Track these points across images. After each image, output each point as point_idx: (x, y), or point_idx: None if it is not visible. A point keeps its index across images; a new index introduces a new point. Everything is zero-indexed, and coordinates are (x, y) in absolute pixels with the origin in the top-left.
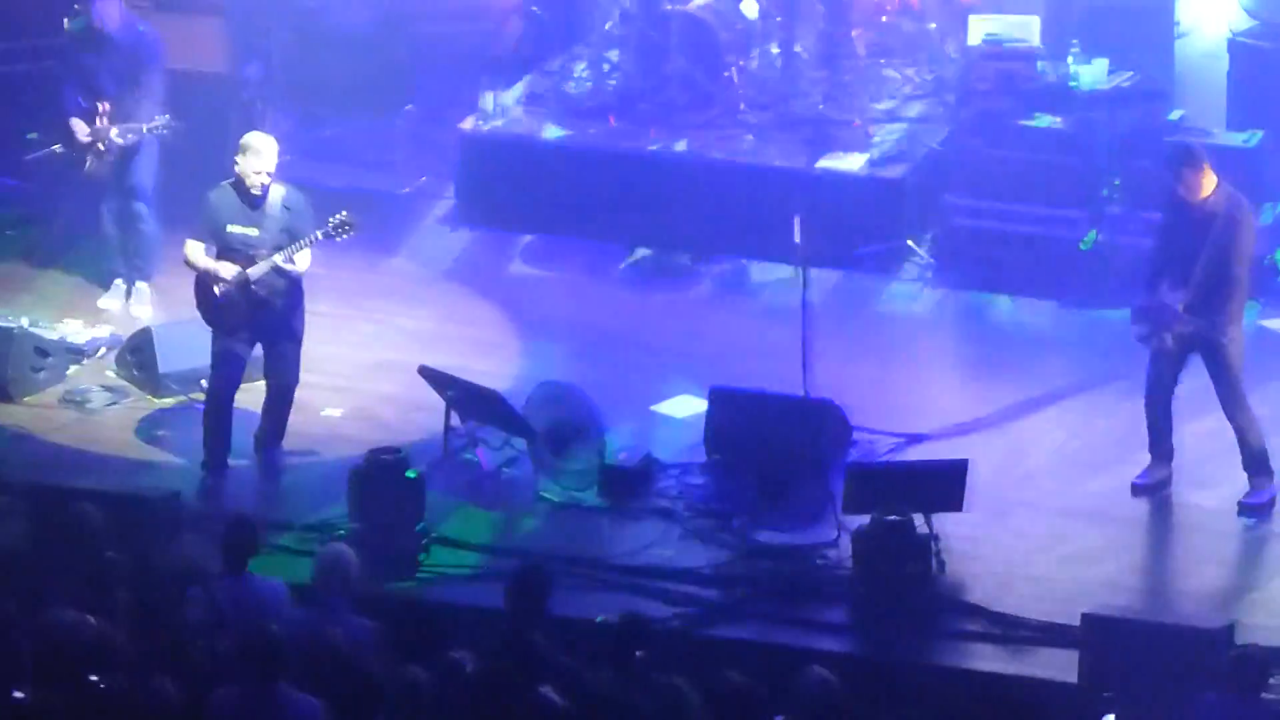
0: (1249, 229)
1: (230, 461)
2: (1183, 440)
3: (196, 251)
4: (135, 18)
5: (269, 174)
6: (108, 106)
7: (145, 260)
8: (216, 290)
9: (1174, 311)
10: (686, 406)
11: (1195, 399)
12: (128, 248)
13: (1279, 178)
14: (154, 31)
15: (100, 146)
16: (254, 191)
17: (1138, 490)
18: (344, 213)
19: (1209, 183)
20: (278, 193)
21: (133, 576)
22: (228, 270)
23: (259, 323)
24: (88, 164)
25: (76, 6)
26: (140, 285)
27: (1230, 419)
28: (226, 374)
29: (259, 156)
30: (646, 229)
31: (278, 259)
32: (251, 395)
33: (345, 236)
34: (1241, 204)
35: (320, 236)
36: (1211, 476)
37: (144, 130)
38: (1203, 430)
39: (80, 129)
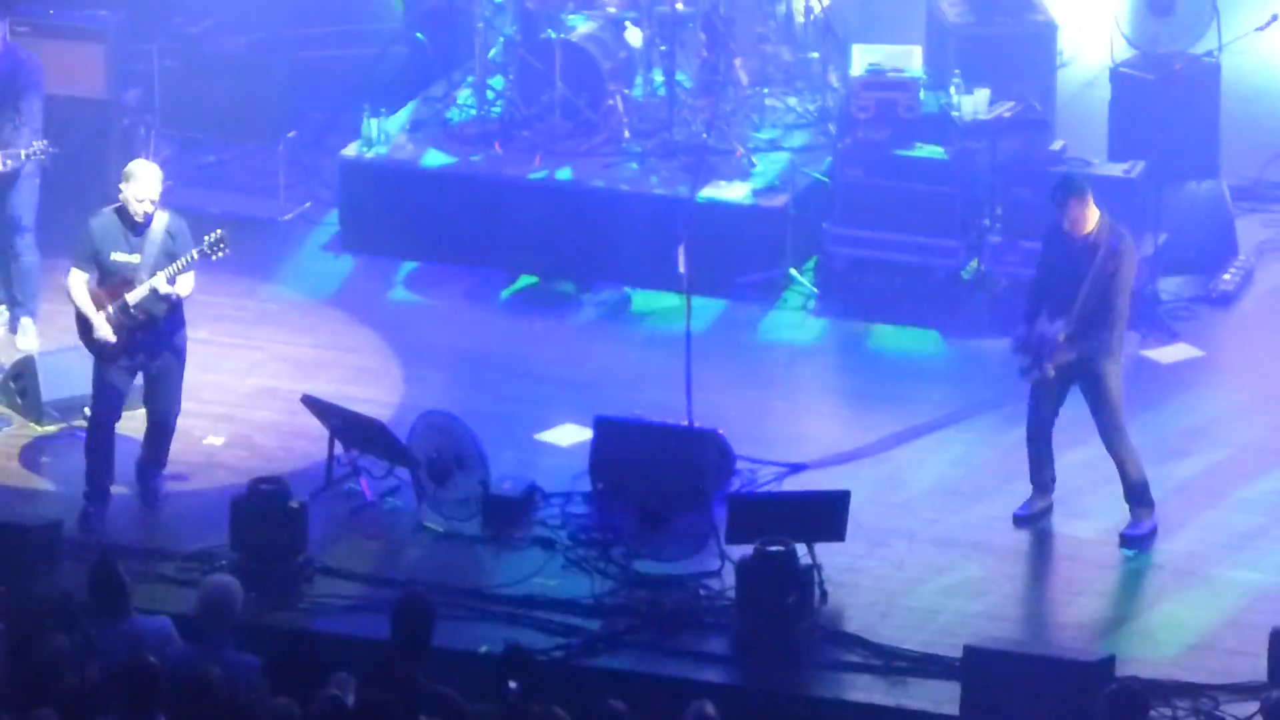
0: (1131, 260)
1: (113, 489)
2: (1062, 470)
3: (79, 286)
4: (15, 45)
5: (152, 201)
6: None
7: (27, 295)
8: (110, 338)
9: (1055, 342)
10: (570, 435)
11: (1073, 428)
12: (9, 280)
13: (1160, 208)
14: (34, 58)
15: None
16: (137, 219)
17: (1019, 521)
18: (219, 231)
19: (1093, 215)
20: (161, 220)
21: (11, 607)
22: (104, 330)
23: (141, 348)
24: None
25: None
26: (24, 320)
27: (1110, 451)
28: (108, 402)
29: (141, 184)
30: (530, 256)
31: (157, 281)
32: (135, 422)
33: (221, 255)
34: (1124, 235)
35: (196, 255)
36: (1091, 507)
37: (23, 156)
38: (1082, 460)
39: None
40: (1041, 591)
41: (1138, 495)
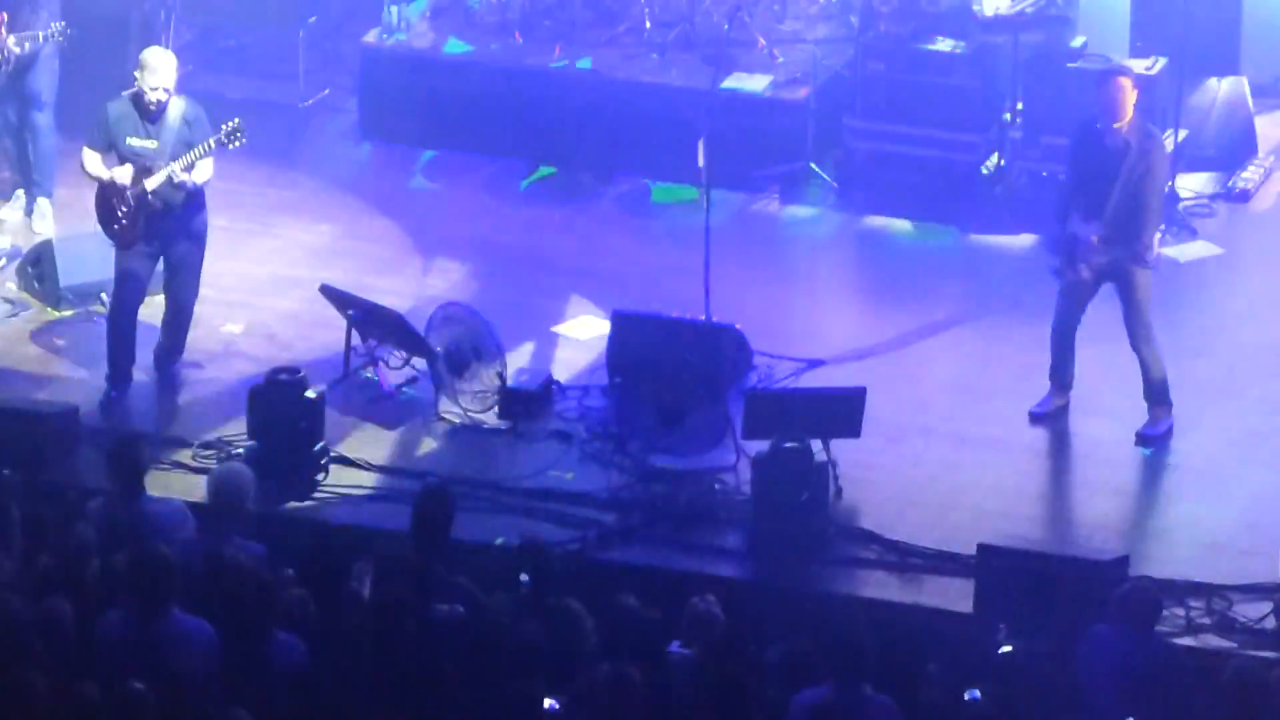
0: (1164, 160)
1: (134, 374)
2: (1080, 368)
3: (93, 161)
4: None
5: (166, 90)
6: (4, 16)
7: (44, 175)
8: (115, 203)
9: (1090, 244)
10: (588, 328)
11: (1090, 326)
12: (26, 161)
13: (1180, 105)
14: None
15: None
16: (152, 106)
17: (1035, 419)
18: (235, 120)
19: (1130, 107)
20: (177, 106)
21: (27, 493)
22: (124, 175)
23: (160, 235)
24: None
25: None
26: (41, 201)
27: (1135, 349)
28: (129, 289)
29: (155, 74)
30: (549, 147)
31: (174, 168)
32: (152, 309)
33: (237, 144)
34: (1155, 134)
35: (213, 145)
36: (1108, 405)
37: (41, 39)
38: (1099, 357)
39: None
40: (1057, 489)
41: (1157, 394)
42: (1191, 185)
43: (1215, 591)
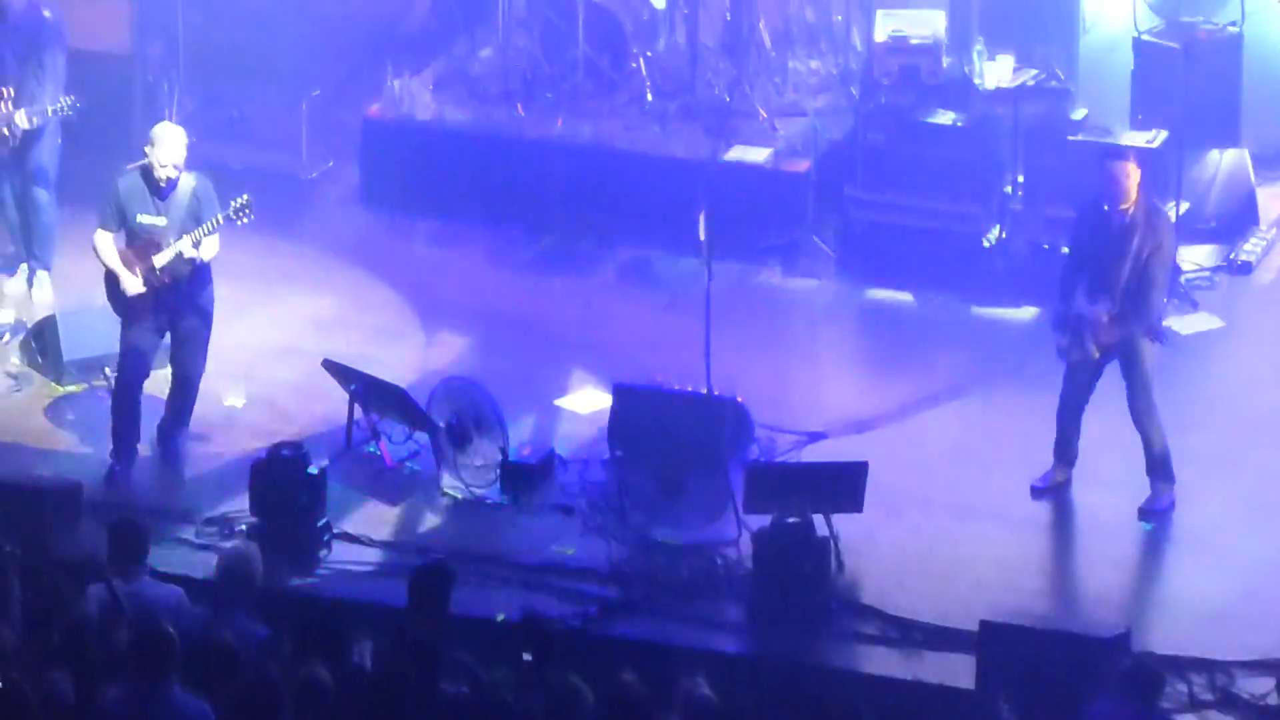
0: (1171, 237)
1: (139, 450)
2: (1081, 440)
3: (106, 245)
4: (40, 2)
5: (176, 166)
6: (11, 91)
7: (44, 249)
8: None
9: (1098, 323)
10: (590, 401)
11: (1091, 398)
12: (28, 236)
13: (1182, 177)
14: (58, 14)
15: (4, 131)
16: (162, 182)
17: (1037, 493)
18: (244, 196)
19: (1134, 187)
20: (187, 181)
21: (29, 569)
22: (132, 286)
23: (167, 309)
24: None
25: None
26: (40, 274)
27: (1138, 424)
28: (135, 363)
29: (166, 148)
30: (551, 216)
31: (183, 245)
32: (155, 383)
33: (246, 220)
34: (1161, 210)
35: (222, 220)
36: (1110, 478)
37: (49, 112)
38: (1101, 430)
39: None
40: (1058, 562)
41: (1160, 469)
42: (1193, 257)
43: (1218, 667)
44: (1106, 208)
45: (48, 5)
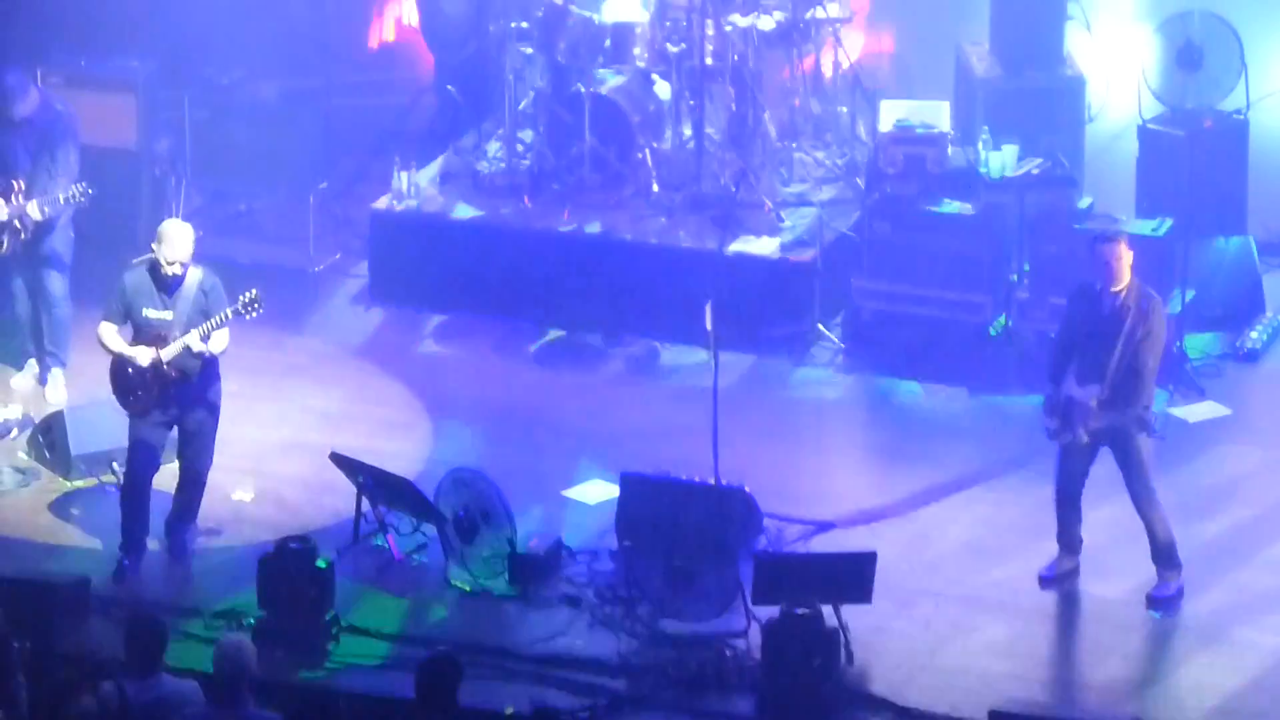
0: (1161, 323)
1: (147, 544)
2: (1088, 529)
3: (110, 334)
4: (52, 97)
5: (183, 263)
6: (22, 184)
7: (59, 345)
8: (130, 372)
9: (1088, 408)
10: (597, 491)
11: (1099, 486)
12: (41, 330)
13: (1188, 265)
14: (71, 110)
15: (17, 224)
16: (168, 277)
17: (1044, 582)
18: (253, 291)
19: (1127, 269)
20: (194, 276)
21: (37, 664)
22: (144, 357)
23: (175, 403)
24: (3, 245)
25: None
26: (55, 371)
27: (1140, 512)
28: (143, 458)
29: (173, 245)
30: (559, 309)
31: (191, 339)
32: (163, 476)
33: (255, 315)
34: (1154, 298)
35: (230, 315)
36: (1117, 566)
37: (61, 200)
38: (1107, 518)
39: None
40: (1067, 652)
41: (1165, 556)
42: (1199, 345)
43: None
44: (1099, 288)
45: (60, 100)
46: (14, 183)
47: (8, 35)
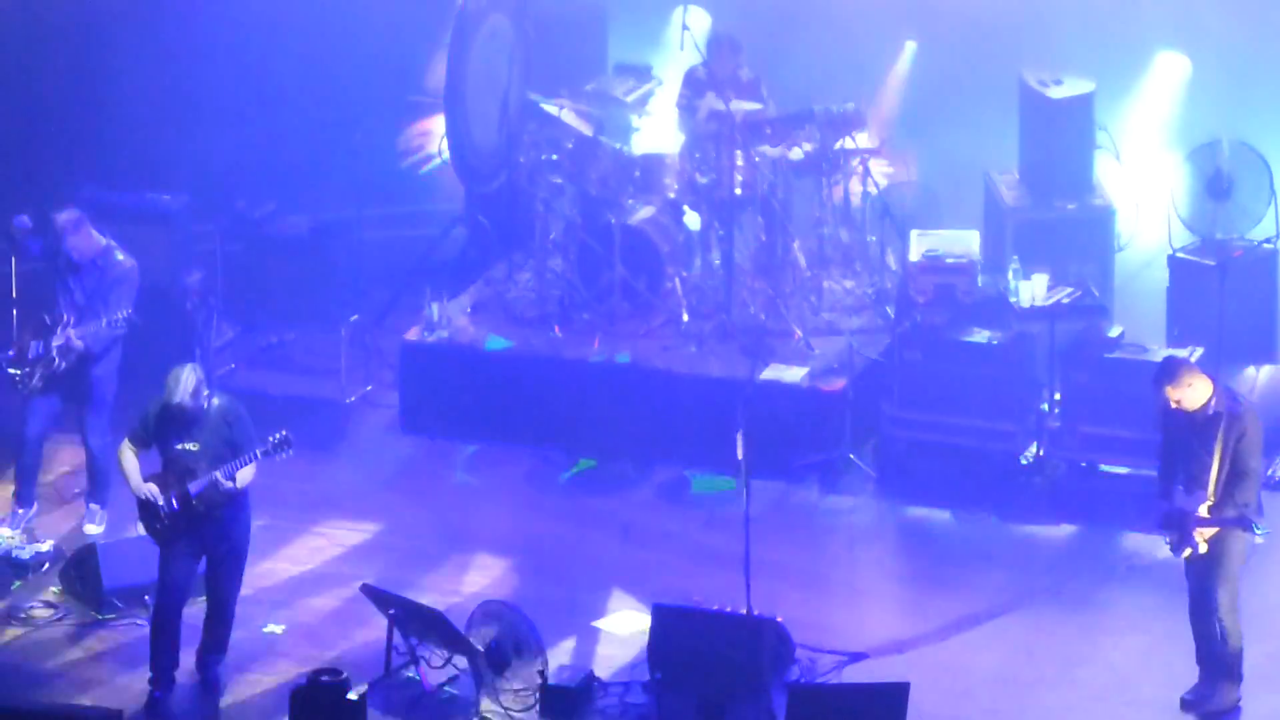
0: (1256, 424)
1: (177, 677)
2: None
3: (129, 458)
4: (113, 248)
5: (194, 396)
6: (71, 318)
7: (100, 487)
8: (158, 507)
9: (1199, 518)
10: (629, 623)
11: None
12: (29, 477)
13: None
14: (133, 263)
15: (54, 356)
16: (190, 410)
17: (1185, 705)
18: (283, 431)
19: (1203, 390)
20: (218, 408)
21: None
22: (146, 491)
23: (203, 536)
24: (35, 378)
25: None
26: (94, 507)
27: (1221, 618)
28: (172, 589)
29: (179, 390)
30: (589, 438)
31: (218, 475)
32: (192, 608)
33: (285, 456)
34: (1243, 400)
35: (260, 455)
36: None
37: (104, 324)
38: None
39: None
40: None
41: (1230, 667)
42: None
43: None
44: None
45: (124, 250)
46: (65, 315)
47: (43, 170)
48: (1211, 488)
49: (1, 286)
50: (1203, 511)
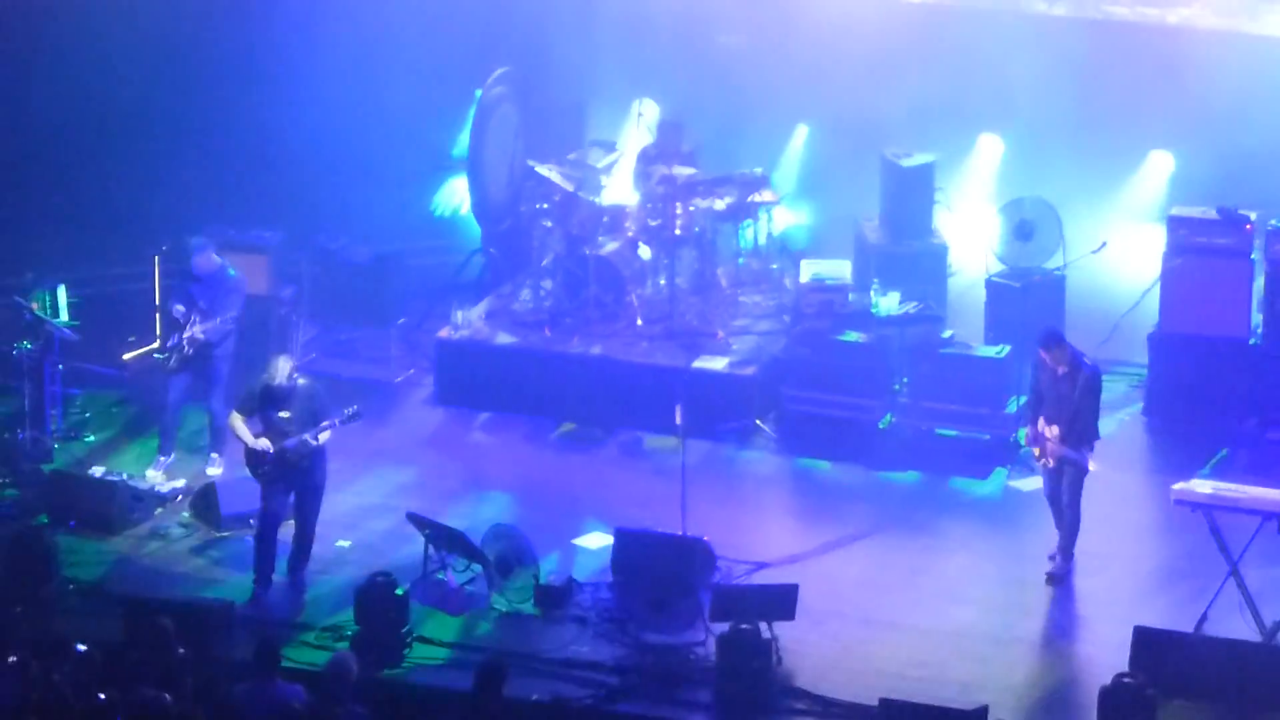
0: (1097, 379)
1: (274, 578)
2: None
3: (239, 423)
4: (225, 264)
5: (288, 377)
6: (197, 319)
7: (217, 440)
8: (261, 457)
9: (1054, 442)
10: (598, 540)
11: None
12: (171, 437)
13: (1023, 378)
14: (243, 277)
15: (186, 347)
16: (285, 388)
17: (1052, 579)
18: (355, 406)
19: (1064, 355)
20: (303, 384)
21: (197, 666)
22: (260, 443)
23: (292, 478)
24: (171, 360)
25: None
26: (214, 455)
27: (1068, 508)
28: (271, 516)
29: (278, 372)
30: (570, 409)
31: (306, 436)
32: (288, 529)
33: (356, 423)
34: (1084, 365)
35: (338, 423)
36: (978, 595)
37: (219, 322)
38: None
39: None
40: (935, 655)
41: (1067, 545)
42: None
43: None
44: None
45: (234, 268)
46: (192, 316)
47: (181, 211)
48: (1062, 421)
49: (148, 296)
50: (1053, 434)
